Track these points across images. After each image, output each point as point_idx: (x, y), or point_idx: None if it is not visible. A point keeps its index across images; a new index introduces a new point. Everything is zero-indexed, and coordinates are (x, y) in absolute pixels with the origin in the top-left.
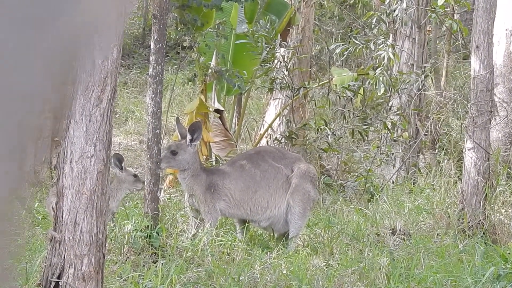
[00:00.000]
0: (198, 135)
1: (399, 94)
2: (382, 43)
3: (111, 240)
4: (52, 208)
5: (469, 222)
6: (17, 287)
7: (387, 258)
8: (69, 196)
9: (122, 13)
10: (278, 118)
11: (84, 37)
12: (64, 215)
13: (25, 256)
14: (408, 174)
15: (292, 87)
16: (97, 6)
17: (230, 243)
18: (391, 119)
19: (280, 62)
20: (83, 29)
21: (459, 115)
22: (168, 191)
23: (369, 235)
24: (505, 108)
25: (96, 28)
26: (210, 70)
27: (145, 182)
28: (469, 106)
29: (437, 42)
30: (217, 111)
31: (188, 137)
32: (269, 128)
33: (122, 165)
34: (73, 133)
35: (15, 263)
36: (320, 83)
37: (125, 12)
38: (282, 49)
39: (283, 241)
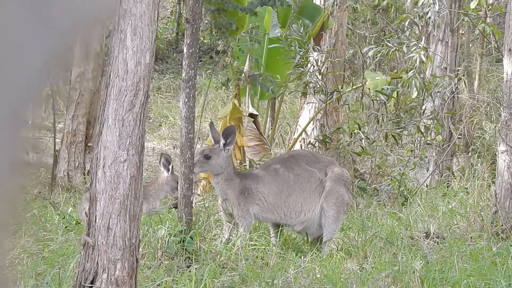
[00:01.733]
0: (231, 140)
1: (432, 97)
2: (415, 46)
3: (145, 245)
4: (85, 213)
5: (502, 225)
6: None
7: (421, 262)
8: (102, 201)
9: (154, 18)
10: (311, 122)
11: (84, 26)
12: (97, 220)
13: (58, 261)
14: (441, 177)
15: (325, 91)
16: None
17: (264, 247)
18: (424, 123)
19: (314, 66)
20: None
21: (492, 118)
22: (202, 196)
23: (403, 238)
24: None
25: (97, 16)
26: (243, 75)
27: (179, 187)
28: (502, 109)
29: (470, 45)
30: (251, 115)
31: (222, 141)
32: (303, 132)
33: (170, 167)
34: (106, 137)
35: (49, 268)
36: (353, 87)
37: (156, 15)
38: (316, 53)
39: (317, 245)
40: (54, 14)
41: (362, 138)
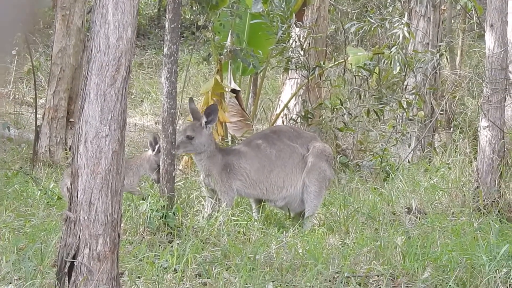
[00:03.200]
0: (213, 118)
1: (414, 73)
2: (397, 22)
3: (127, 220)
4: (67, 188)
5: (484, 200)
6: (30, 267)
7: (402, 237)
8: (84, 176)
9: None
10: (294, 98)
11: None
12: (79, 195)
13: (40, 237)
14: (423, 153)
15: (307, 66)
16: None
17: (246, 222)
18: (406, 98)
19: (296, 42)
20: None
21: (474, 94)
22: (184, 171)
23: (384, 214)
24: None
25: None
26: (225, 50)
27: (161, 162)
28: (484, 85)
29: (452, 21)
30: (233, 91)
31: (204, 119)
32: (285, 108)
33: (156, 146)
34: (88, 112)
35: (30, 244)
36: (335, 63)
37: None
38: (298, 29)
39: (299, 221)
40: None
41: (344, 114)
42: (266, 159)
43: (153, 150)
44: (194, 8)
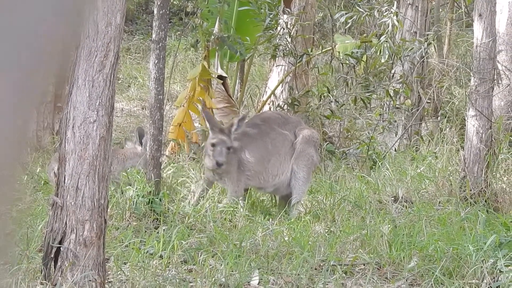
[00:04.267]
0: (241, 125)
1: (401, 61)
2: (387, 10)
3: (113, 206)
4: (54, 173)
5: (471, 190)
6: (17, 252)
7: (389, 226)
8: (71, 161)
9: None
10: (280, 85)
11: None
12: (66, 181)
13: (26, 222)
14: (410, 141)
15: (295, 54)
16: None
17: (232, 209)
18: (393, 87)
19: (283, 29)
20: None
21: (461, 83)
22: (170, 157)
23: (371, 202)
24: (507, 76)
25: None
26: (212, 36)
27: (148, 148)
28: (471, 74)
29: (440, 10)
30: (220, 77)
31: (235, 127)
32: (272, 95)
33: (142, 140)
34: (76, 98)
35: (17, 228)
36: (323, 50)
37: None
38: (285, 16)
39: (285, 208)
40: None
41: (331, 101)
42: (264, 149)
43: (140, 143)
44: None
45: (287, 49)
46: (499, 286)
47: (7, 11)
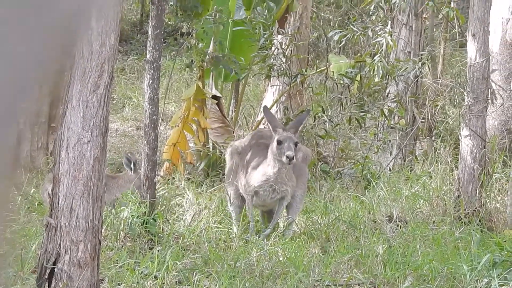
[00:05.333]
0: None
1: (396, 81)
2: (381, 30)
3: (107, 226)
4: (48, 194)
5: (465, 210)
6: (10, 273)
7: (383, 245)
8: (65, 182)
9: None
10: (275, 104)
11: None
12: (60, 201)
13: (20, 243)
14: (404, 161)
15: (289, 74)
16: None
17: (226, 230)
18: (388, 106)
19: (278, 49)
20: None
21: (455, 103)
22: (165, 178)
23: (365, 222)
24: (501, 96)
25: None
26: (207, 57)
27: (142, 168)
28: (465, 94)
29: (434, 30)
30: (214, 97)
31: (300, 127)
32: None
33: (131, 166)
34: (70, 118)
35: (11, 250)
36: (317, 70)
37: None
38: (280, 36)
39: (277, 229)
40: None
41: (326, 121)
42: None
43: (131, 170)
44: (178, 15)
45: (282, 69)
46: None
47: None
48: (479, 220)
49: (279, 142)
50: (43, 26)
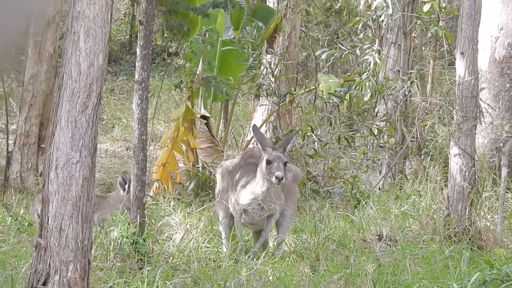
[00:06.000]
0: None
1: (385, 100)
2: (368, 49)
3: (97, 247)
4: (38, 214)
5: (455, 228)
6: None
7: (373, 264)
8: (54, 202)
9: (107, 20)
10: (264, 124)
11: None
12: (49, 221)
13: (10, 263)
14: (394, 180)
15: (278, 93)
16: None
17: (216, 249)
18: (377, 125)
19: (267, 69)
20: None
21: (445, 121)
22: (154, 198)
23: (355, 241)
24: (490, 114)
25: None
26: (196, 77)
27: (131, 188)
28: (454, 112)
29: (423, 48)
30: (203, 117)
31: (289, 146)
32: None
33: (125, 186)
34: (59, 139)
35: (1, 270)
36: (306, 90)
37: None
38: (269, 56)
39: (265, 246)
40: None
41: (315, 141)
42: None
43: (124, 190)
44: (165, 35)
45: (271, 88)
46: None
47: None
48: (469, 239)
49: (269, 162)
50: None
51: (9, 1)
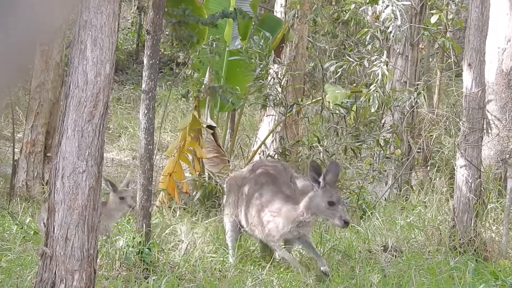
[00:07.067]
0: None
1: (391, 111)
2: (376, 60)
3: (103, 256)
4: (44, 223)
5: (460, 239)
6: None
7: (378, 275)
8: (60, 212)
9: (114, 29)
10: (271, 134)
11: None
12: (55, 231)
13: (16, 272)
14: (400, 191)
15: (285, 103)
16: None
17: (222, 259)
18: (383, 136)
19: (274, 79)
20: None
21: (451, 133)
22: (160, 207)
23: (360, 251)
24: (496, 126)
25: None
26: (203, 87)
27: (137, 198)
28: (461, 124)
29: (430, 59)
30: (209, 127)
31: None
32: (262, 145)
33: (110, 187)
34: (65, 148)
35: (6, 279)
36: (313, 100)
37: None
38: (276, 66)
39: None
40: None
41: (321, 151)
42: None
43: (113, 191)
44: (174, 45)
45: (278, 99)
46: None
47: None
48: (474, 250)
49: (332, 203)
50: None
51: (19, 14)
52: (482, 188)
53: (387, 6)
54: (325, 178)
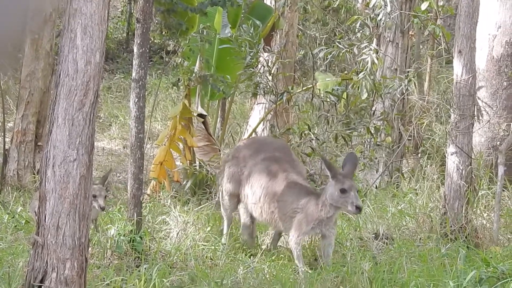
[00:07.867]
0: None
1: (382, 99)
2: (366, 47)
3: (94, 245)
4: (35, 212)
5: (451, 226)
6: None
7: (369, 262)
8: (51, 200)
9: (105, 17)
10: (262, 122)
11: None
12: (46, 219)
13: (7, 261)
14: (391, 178)
15: (275, 91)
16: None
17: (213, 247)
18: (374, 124)
19: (264, 67)
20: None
21: (442, 120)
22: (151, 196)
23: (352, 239)
24: (487, 113)
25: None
26: (194, 75)
27: (128, 187)
28: (451, 111)
29: (420, 47)
30: (200, 115)
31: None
32: (253, 133)
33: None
34: (56, 137)
35: None
36: (303, 88)
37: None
38: (266, 54)
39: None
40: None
41: (312, 139)
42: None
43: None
44: (164, 33)
45: (268, 87)
46: None
47: None
48: (465, 237)
49: (343, 191)
50: None
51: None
52: (473, 175)
53: None
54: (343, 169)
